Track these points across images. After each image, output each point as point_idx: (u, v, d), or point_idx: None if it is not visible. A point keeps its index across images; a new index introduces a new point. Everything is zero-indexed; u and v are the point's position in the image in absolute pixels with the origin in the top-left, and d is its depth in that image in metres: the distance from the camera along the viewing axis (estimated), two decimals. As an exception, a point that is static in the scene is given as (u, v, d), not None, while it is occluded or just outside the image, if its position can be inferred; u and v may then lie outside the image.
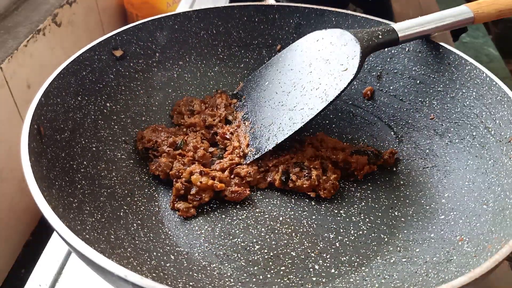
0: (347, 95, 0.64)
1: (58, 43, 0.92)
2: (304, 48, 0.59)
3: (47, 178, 0.42)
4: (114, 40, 0.58)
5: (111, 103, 0.57)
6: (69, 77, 0.52)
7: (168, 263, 0.45)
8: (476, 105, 0.51)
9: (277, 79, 0.60)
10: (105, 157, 0.53)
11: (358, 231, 0.50)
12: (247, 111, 0.61)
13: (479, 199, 0.46)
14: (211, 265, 0.46)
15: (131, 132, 0.58)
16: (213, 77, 0.66)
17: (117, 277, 0.32)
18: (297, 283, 0.44)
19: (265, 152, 0.55)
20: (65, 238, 0.34)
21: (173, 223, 0.50)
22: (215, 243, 0.48)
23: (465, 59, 0.53)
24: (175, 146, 0.56)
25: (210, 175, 0.52)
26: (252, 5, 0.65)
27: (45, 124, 0.46)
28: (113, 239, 0.44)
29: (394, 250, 0.47)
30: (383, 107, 0.62)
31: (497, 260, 0.34)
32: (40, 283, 0.47)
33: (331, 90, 0.52)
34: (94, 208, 0.46)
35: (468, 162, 0.51)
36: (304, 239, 0.49)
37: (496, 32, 1.65)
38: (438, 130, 0.56)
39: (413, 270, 0.44)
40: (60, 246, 0.50)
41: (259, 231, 0.49)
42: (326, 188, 0.53)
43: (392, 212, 0.52)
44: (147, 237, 0.47)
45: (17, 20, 0.86)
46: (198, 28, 0.65)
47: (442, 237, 0.46)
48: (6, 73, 0.76)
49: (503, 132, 0.47)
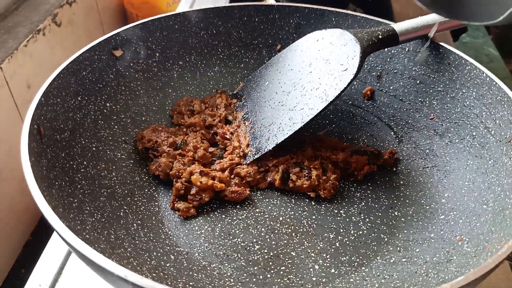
0: (347, 95, 0.64)
1: (58, 43, 0.92)
2: (304, 48, 0.59)
3: (47, 178, 0.42)
4: (114, 40, 0.58)
5: (111, 103, 0.57)
6: (69, 77, 0.52)
7: (168, 263, 0.45)
8: (476, 105, 0.51)
9: (277, 79, 0.60)
10: (105, 157, 0.53)
11: (358, 231, 0.50)
12: (247, 111, 0.61)
13: (479, 199, 0.46)
14: (211, 265, 0.46)
15: (131, 132, 0.58)
16: (213, 77, 0.66)
17: (117, 277, 0.32)
18: (297, 283, 0.44)
19: (265, 152, 0.55)
20: (65, 238, 0.34)
21: (173, 223, 0.50)
22: (215, 243, 0.48)
23: (465, 59, 0.53)
24: (175, 146, 0.56)
25: (210, 175, 0.52)
26: (252, 5, 0.65)
27: (45, 124, 0.46)
28: (113, 239, 0.44)
29: (394, 250, 0.47)
30: (383, 107, 0.62)
31: (497, 260, 0.34)
32: (40, 283, 0.47)
33: (331, 90, 0.52)
34: (94, 208, 0.46)
35: (468, 162, 0.51)
36: (304, 239, 0.49)
37: (496, 32, 1.65)
38: (438, 130, 0.56)
39: (413, 270, 0.44)
40: (60, 246, 0.50)
41: (259, 231, 0.49)
42: (326, 188, 0.53)
43: (392, 212, 0.52)
44: (147, 237, 0.47)
45: (17, 20, 0.86)
46: (198, 28, 0.65)
47: (442, 237, 0.46)
48: (6, 73, 0.76)
49: (503, 132, 0.47)
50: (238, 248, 0.48)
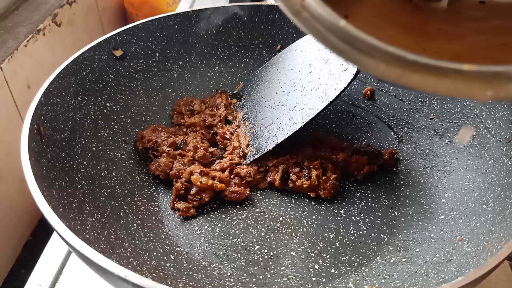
0: (347, 95, 0.64)
1: (58, 43, 0.92)
2: (304, 48, 0.59)
3: (47, 178, 0.42)
4: (114, 40, 0.58)
5: (111, 103, 0.57)
6: (69, 77, 0.52)
7: (168, 263, 0.45)
8: (476, 105, 0.51)
9: (277, 79, 0.60)
10: (105, 157, 0.53)
11: (358, 231, 0.50)
12: (247, 111, 0.61)
13: (479, 199, 0.46)
14: (211, 265, 0.46)
15: (131, 132, 0.58)
16: (213, 77, 0.67)
17: (117, 277, 0.32)
18: (297, 283, 0.44)
19: (265, 152, 0.55)
20: (65, 238, 0.34)
21: (173, 223, 0.50)
22: (215, 243, 0.48)
23: (465, 59, 0.53)
24: (175, 146, 0.56)
25: (210, 175, 0.52)
26: (252, 5, 0.65)
27: (45, 124, 0.46)
28: (113, 239, 0.44)
29: (394, 250, 0.47)
30: (383, 107, 0.62)
31: (497, 260, 0.34)
32: (40, 283, 0.47)
33: (331, 90, 0.52)
34: (94, 208, 0.46)
35: (468, 162, 0.51)
36: (304, 239, 0.49)
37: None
38: (438, 130, 0.56)
39: (413, 270, 0.44)
40: (60, 246, 0.50)
41: (259, 231, 0.49)
42: (326, 188, 0.53)
43: (392, 212, 0.52)
44: (147, 237, 0.47)
45: (17, 20, 0.86)
46: (198, 28, 0.65)
47: (442, 237, 0.46)
48: (6, 73, 0.76)
49: (503, 132, 0.47)
50: (238, 248, 0.48)
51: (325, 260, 0.47)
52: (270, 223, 0.50)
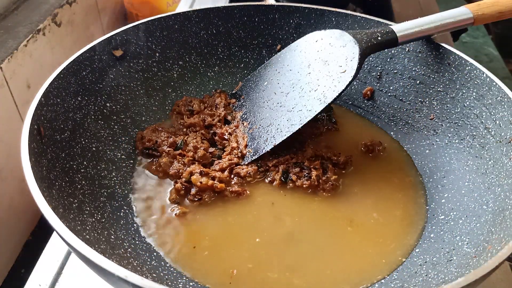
0: (347, 95, 0.64)
1: (58, 43, 0.92)
2: (303, 48, 0.59)
3: (47, 178, 0.42)
4: (114, 40, 0.58)
5: (111, 103, 0.57)
6: (69, 77, 0.52)
7: (168, 264, 0.45)
8: (476, 106, 0.51)
9: (276, 80, 0.60)
10: (105, 157, 0.53)
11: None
12: (246, 111, 0.61)
13: (479, 199, 0.46)
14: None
15: (131, 132, 0.58)
16: (213, 77, 0.66)
17: (118, 278, 0.32)
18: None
19: (263, 153, 0.55)
20: (65, 239, 0.34)
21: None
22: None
23: (465, 59, 0.53)
24: (175, 146, 0.56)
25: (210, 175, 0.52)
26: (252, 5, 0.65)
27: (45, 124, 0.46)
28: (113, 240, 0.44)
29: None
30: (383, 107, 0.62)
31: (497, 261, 0.34)
32: (40, 283, 0.47)
33: (329, 92, 0.52)
34: (94, 208, 0.46)
35: (468, 162, 0.51)
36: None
37: (496, 32, 1.65)
38: (438, 130, 0.56)
39: (413, 270, 0.44)
40: (60, 246, 0.50)
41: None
42: (326, 188, 0.53)
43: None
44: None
45: (17, 20, 0.86)
46: (198, 28, 0.64)
47: (442, 237, 0.46)
48: (6, 73, 0.76)
49: (503, 132, 0.47)
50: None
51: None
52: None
